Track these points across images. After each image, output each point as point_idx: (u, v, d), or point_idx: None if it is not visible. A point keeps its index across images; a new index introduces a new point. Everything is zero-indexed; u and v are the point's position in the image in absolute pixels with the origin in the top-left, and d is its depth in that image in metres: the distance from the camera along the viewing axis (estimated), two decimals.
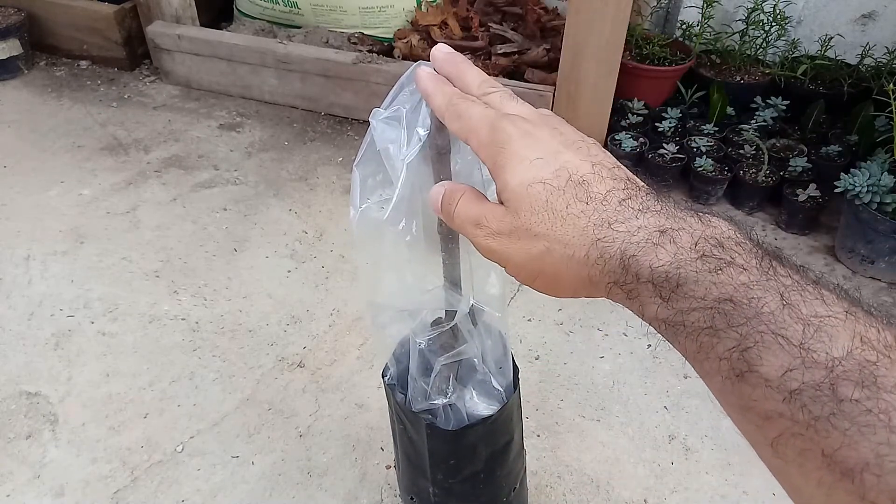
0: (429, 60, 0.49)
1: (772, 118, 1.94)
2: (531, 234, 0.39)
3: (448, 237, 0.60)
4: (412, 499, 0.94)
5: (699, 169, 1.79)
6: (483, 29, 2.27)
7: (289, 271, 1.60)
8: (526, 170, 0.40)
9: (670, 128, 1.94)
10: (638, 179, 0.41)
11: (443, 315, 0.70)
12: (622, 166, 0.41)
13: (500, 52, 2.17)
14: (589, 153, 0.41)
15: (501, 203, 0.41)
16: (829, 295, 0.32)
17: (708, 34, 2.10)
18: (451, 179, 0.57)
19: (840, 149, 1.83)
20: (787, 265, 0.34)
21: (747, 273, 0.33)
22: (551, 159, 0.40)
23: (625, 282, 0.36)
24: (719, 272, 0.33)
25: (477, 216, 0.42)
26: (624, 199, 0.38)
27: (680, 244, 0.35)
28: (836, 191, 1.58)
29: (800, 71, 2.00)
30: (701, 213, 0.37)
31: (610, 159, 0.42)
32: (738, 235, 0.35)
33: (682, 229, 0.35)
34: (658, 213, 0.37)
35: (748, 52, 2.08)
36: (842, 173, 1.57)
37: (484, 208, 0.42)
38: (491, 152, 0.41)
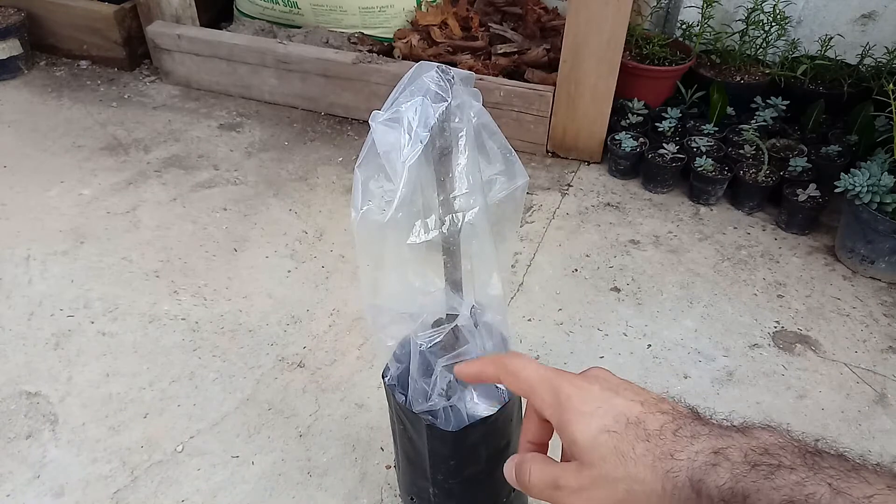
0: (429, 60, 0.49)
1: (772, 118, 1.94)
2: (610, 480, 0.42)
3: (449, 239, 0.60)
4: (412, 499, 0.94)
5: (699, 169, 1.79)
6: (483, 29, 2.27)
7: (289, 271, 1.60)
8: (589, 422, 0.44)
9: (670, 128, 1.94)
10: (680, 406, 0.46)
11: (444, 316, 0.70)
12: (664, 398, 0.46)
13: (500, 52, 2.17)
14: (635, 394, 0.46)
15: (571, 458, 0.45)
16: (870, 475, 0.36)
17: (708, 34, 2.10)
18: (452, 179, 0.57)
19: (840, 149, 1.83)
20: (828, 456, 0.38)
21: (796, 472, 0.37)
22: (608, 407, 0.44)
23: None
24: (773, 477, 0.37)
25: (553, 479, 0.45)
26: (676, 430, 0.42)
27: (733, 460, 0.39)
28: (836, 191, 1.58)
29: (800, 71, 2.00)
30: (744, 427, 0.42)
31: (652, 395, 0.47)
32: (780, 440, 0.40)
33: (731, 446, 0.40)
34: (708, 436, 0.41)
35: (748, 52, 2.08)
36: (842, 173, 1.57)
37: (557, 470, 0.46)
38: (555, 412, 0.46)
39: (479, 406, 0.79)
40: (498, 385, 0.80)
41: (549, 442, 0.51)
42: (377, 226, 0.53)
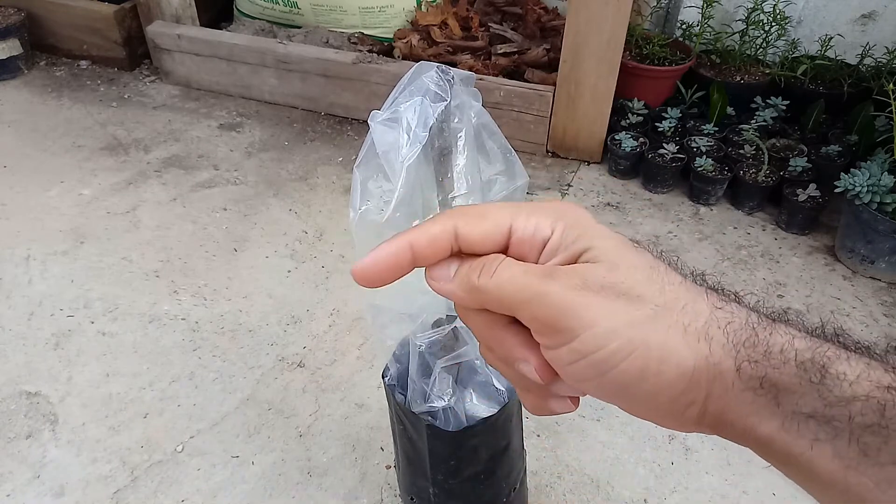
0: (429, 60, 0.49)
1: (772, 118, 1.94)
2: (633, 295, 0.30)
3: None
4: (412, 499, 0.94)
5: (699, 169, 1.79)
6: (483, 29, 2.27)
7: (289, 271, 1.60)
8: (615, 235, 0.33)
9: (670, 128, 1.94)
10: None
11: (444, 317, 0.70)
12: None
13: (500, 52, 2.17)
14: None
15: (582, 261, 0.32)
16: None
17: (708, 34, 2.10)
18: (451, 179, 0.57)
19: (840, 149, 1.83)
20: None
21: (887, 361, 0.28)
22: (625, 238, 0.33)
23: (759, 360, 0.28)
24: (861, 354, 0.28)
25: (543, 268, 0.31)
26: (715, 286, 0.32)
27: (810, 324, 0.30)
28: (836, 191, 1.58)
29: (800, 71, 2.00)
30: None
31: None
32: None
33: (801, 313, 0.31)
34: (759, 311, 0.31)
35: (748, 52, 2.08)
36: (842, 173, 1.57)
37: (552, 265, 0.32)
38: (563, 223, 0.33)
39: (480, 407, 0.79)
40: (498, 386, 0.80)
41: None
42: (375, 226, 0.53)
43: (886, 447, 0.26)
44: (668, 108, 1.99)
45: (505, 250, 0.33)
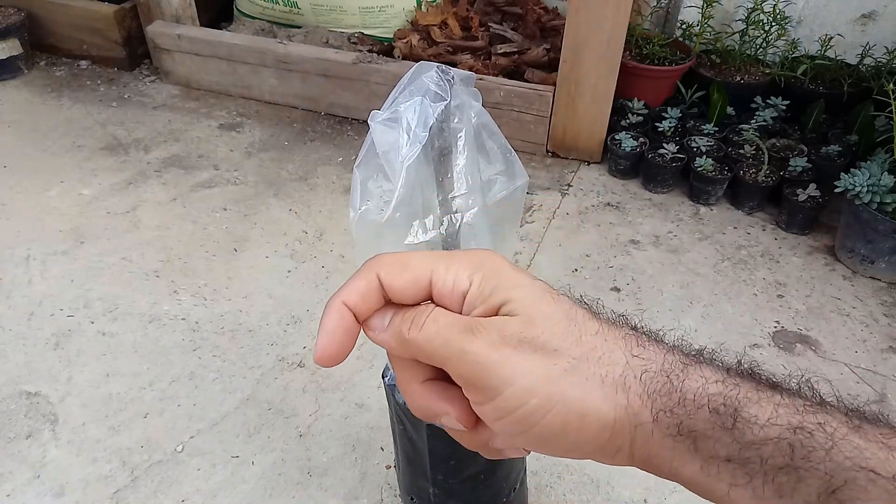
0: (429, 60, 0.49)
1: (772, 118, 1.94)
2: (549, 349, 0.30)
3: (448, 240, 0.60)
4: (412, 499, 0.94)
5: (699, 169, 1.79)
6: (483, 29, 2.27)
7: (289, 271, 1.60)
8: (534, 293, 0.32)
9: (670, 128, 1.94)
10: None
11: None
12: None
13: (500, 52, 2.17)
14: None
15: (502, 313, 0.32)
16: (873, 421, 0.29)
17: (708, 34, 2.10)
18: (450, 179, 0.57)
19: (840, 149, 1.83)
20: (812, 390, 0.31)
21: (799, 397, 0.29)
22: (540, 284, 0.33)
23: (676, 408, 0.29)
24: (775, 391, 0.29)
25: (466, 322, 0.31)
26: (635, 326, 0.33)
27: (723, 365, 0.30)
28: (836, 191, 1.58)
29: (800, 71, 2.00)
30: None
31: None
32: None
33: (715, 353, 0.31)
34: (674, 345, 0.32)
35: (748, 52, 2.08)
36: (842, 173, 1.57)
37: (473, 317, 0.32)
38: (481, 275, 0.33)
39: None
40: None
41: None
42: (375, 226, 0.53)
43: (799, 486, 0.27)
44: (668, 108, 1.99)
45: (430, 298, 0.33)
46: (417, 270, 0.33)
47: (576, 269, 1.62)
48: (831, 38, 1.99)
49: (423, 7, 2.28)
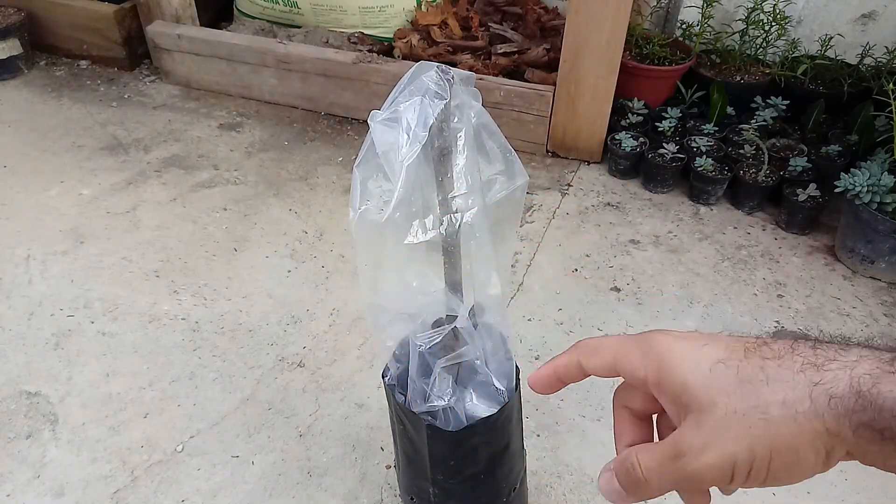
0: (429, 60, 0.49)
1: (772, 118, 1.94)
2: (740, 416, 0.33)
3: (448, 240, 0.60)
4: (412, 499, 0.94)
5: (699, 169, 1.79)
6: (483, 29, 2.27)
7: (289, 271, 1.60)
8: (698, 359, 0.35)
9: (670, 127, 1.94)
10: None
11: (444, 317, 0.70)
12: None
13: (500, 51, 2.17)
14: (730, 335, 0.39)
15: (684, 419, 0.36)
16: None
17: (708, 34, 2.10)
18: (450, 179, 0.57)
19: (840, 149, 1.83)
20: None
21: None
22: (714, 342, 0.36)
23: (875, 419, 0.31)
24: None
25: (671, 451, 0.35)
26: (815, 345, 0.34)
27: None
28: (836, 191, 1.58)
29: (800, 71, 2.00)
30: None
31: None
32: None
33: None
34: (866, 346, 0.33)
35: (748, 51, 2.08)
36: (842, 173, 1.57)
37: (669, 442, 0.36)
38: (652, 365, 0.37)
39: (480, 406, 0.79)
40: (498, 386, 0.80)
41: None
42: (375, 226, 0.53)
43: None
44: (668, 108, 1.99)
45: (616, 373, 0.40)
46: (605, 356, 0.40)
47: (576, 269, 1.62)
48: (831, 38, 1.99)
49: (423, 7, 2.28)
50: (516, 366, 0.80)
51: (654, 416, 0.43)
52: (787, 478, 0.34)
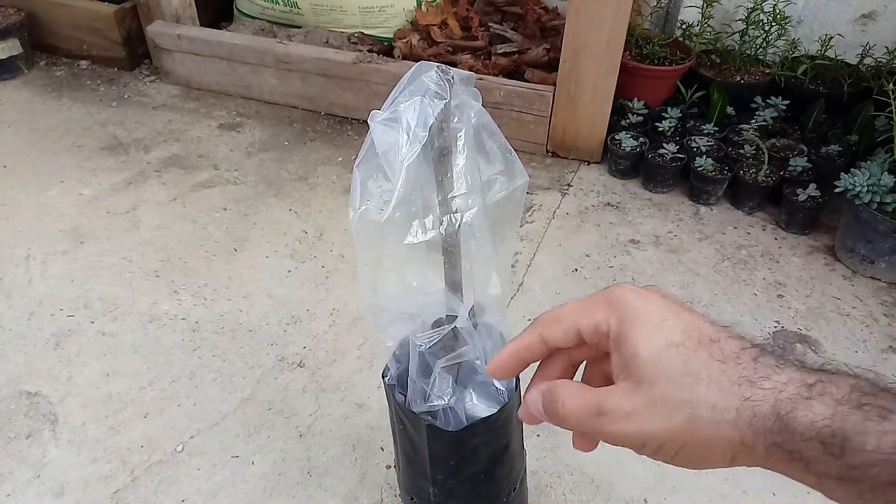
0: (429, 60, 0.49)
1: (772, 118, 1.94)
2: (671, 402, 0.36)
3: (448, 240, 0.60)
4: (412, 499, 0.94)
5: (699, 168, 1.79)
6: (483, 29, 2.27)
7: (289, 271, 1.60)
8: (654, 334, 0.37)
9: (670, 127, 1.94)
10: (755, 337, 0.40)
11: (444, 317, 0.70)
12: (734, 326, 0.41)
13: (500, 51, 2.17)
14: (703, 314, 0.40)
15: (621, 380, 0.38)
16: None
17: (708, 34, 2.10)
18: (450, 179, 0.57)
19: (840, 149, 1.83)
20: None
21: None
22: (676, 320, 0.38)
23: (785, 441, 0.34)
24: (884, 420, 0.32)
25: (596, 404, 0.38)
26: (758, 357, 0.36)
27: (834, 396, 0.34)
28: (836, 191, 1.58)
29: (800, 71, 2.00)
30: (833, 367, 0.36)
31: (721, 319, 0.41)
32: (881, 382, 0.35)
33: (829, 381, 0.34)
34: (798, 368, 0.36)
35: (748, 51, 2.08)
36: (842, 173, 1.57)
37: (599, 394, 0.39)
38: (616, 322, 0.39)
39: (480, 407, 0.79)
40: (498, 386, 0.80)
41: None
42: (375, 226, 0.53)
43: None
44: (668, 108, 1.99)
45: (583, 343, 0.41)
46: (567, 322, 0.41)
47: (576, 269, 1.62)
48: (831, 38, 1.99)
49: (423, 7, 2.28)
50: None
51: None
52: (688, 465, 0.37)
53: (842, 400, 0.33)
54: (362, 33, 2.30)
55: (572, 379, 0.44)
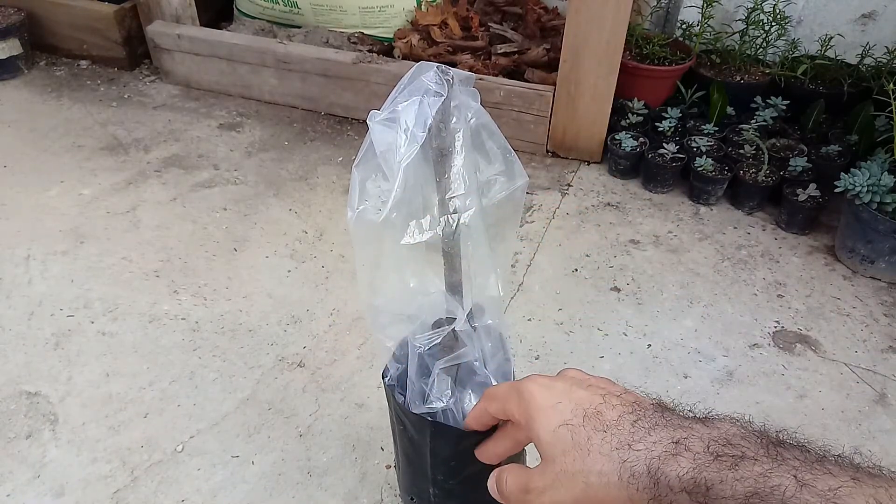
0: (429, 60, 0.49)
1: (772, 118, 1.94)
2: (569, 475, 0.42)
3: (446, 241, 0.60)
4: (412, 499, 0.94)
5: (699, 169, 1.79)
6: (483, 29, 2.27)
7: (289, 271, 1.61)
8: (549, 417, 0.45)
9: (670, 127, 1.94)
10: (645, 399, 0.45)
11: (444, 317, 0.70)
12: (630, 391, 0.46)
13: (500, 51, 2.17)
14: (598, 387, 0.46)
15: (539, 458, 0.46)
16: (834, 467, 0.35)
17: (708, 34, 2.10)
18: (448, 180, 0.57)
19: (840, 149, 1.83)
20: (790, 447, 0.38)
21: (760, 463, 0.36)
22: (567, 401, 0.45)
23: (661, 495, 0.38)
24: (736, 468, 0.36)
25: (523, 483, 0.46)
26: (635, 421, 0.42)
27: (694, 450, 0.38)
28: (836, 191, 1.58)
29: (800, 71, 2.00)
30: (706, 418, 0.41)
31: (618, 388, 0.46)
32: (743, 430, 0.39)
33: (692, 437, 0.39)
34: (667, 426, 0.41)
35: (748, 51, 2.08)
36: (842, 173, 1.57)
37: (526, 473, 0.47)
38: (523, 413, 0.47)
39: None
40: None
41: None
42: (373, 226, 0.53)
43: None
44: (668, 108, 1.99)
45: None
46: (498, 403, 0.51)
47: (576, 269, 1.62)
48: (831, 38, 1.99)
49: (423, 7, 2.28)
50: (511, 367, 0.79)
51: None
52: None
53: (702, 452, 0.38)
54: (362, 33, 2.30)
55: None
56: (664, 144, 1.86)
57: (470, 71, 0.60)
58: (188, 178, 1.91)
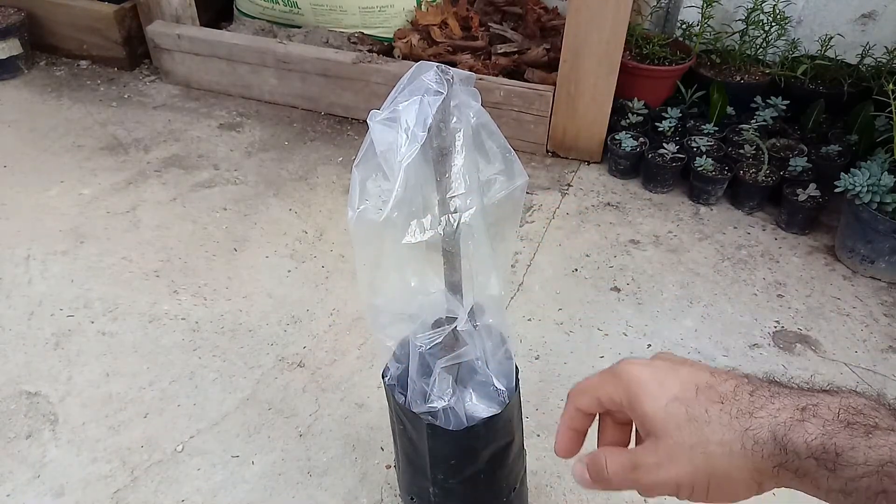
0: (429, 60, 0.49)
1: (772, 118, 1.94)
2: (686, 448, 0.42)
3: (447, 240, 0.60)
4: (412, 499, 0.94)
5: (699, 168, 1.79)
6: (483, 29, 2.27)
7: (289, 271, 1.60)
8: (658, 394, 0.44)
9: (670, 127, 1.94)
10: (754, 375, 0.45)
11: (444, 317, 0.70)
12: (733, 371, 0.45)
13: (500, 51, 2.17)
14: (701, 365, 0.46)
15: (646, 438, 0.44)
16: None
17: (708, 34, 2.10)
18: (448, 179, 0.57)
19: (840, 149, 1.83)
20: None
21: (894, 433, 0.36)
22: (672, 377, 0.44)
23: (788, 461, 0.38)
24: (870, 436, 0.36)
25: (631, 462, 0.44)
26: (753, 391, 0.41)
27: (824, 416, 0.38)
28: (836, 190, 1.58)
29: (800, 71, 2.00)
30: (829, 389, 0.41)
31: (720, 368, 0.46)
32: (871, 401, 0.39)
33: (820, 403, 0.39)
34: (790, 395, 0.40)
35: (748, 52, 2.08)
36: (842, 173, 1.57)
37: (632, 453, 0.45)
38: (625, 394, 0.45)
39: (480, 406, 0.79)
40: (498, 386, 0.80)
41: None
42: (373, 225, 0.53)
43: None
44: (668, 108, 1.99)
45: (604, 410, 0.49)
46: (590, 393, 0.48)
47: (576, 269, 1.62)
48: (831, 38, 1.99)
49: (423, 7, 2.28)
50: (516, 366, 0.79)
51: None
52: (723, 499, 0.42)
53: (831, 419, 0.38)
54: (362, 33, 2.30)
55: (630, 435, 0.50)
56: (664, 144, 1.86)
57: (470, 71, 0.60)
58: (188, 178, 1.90)
